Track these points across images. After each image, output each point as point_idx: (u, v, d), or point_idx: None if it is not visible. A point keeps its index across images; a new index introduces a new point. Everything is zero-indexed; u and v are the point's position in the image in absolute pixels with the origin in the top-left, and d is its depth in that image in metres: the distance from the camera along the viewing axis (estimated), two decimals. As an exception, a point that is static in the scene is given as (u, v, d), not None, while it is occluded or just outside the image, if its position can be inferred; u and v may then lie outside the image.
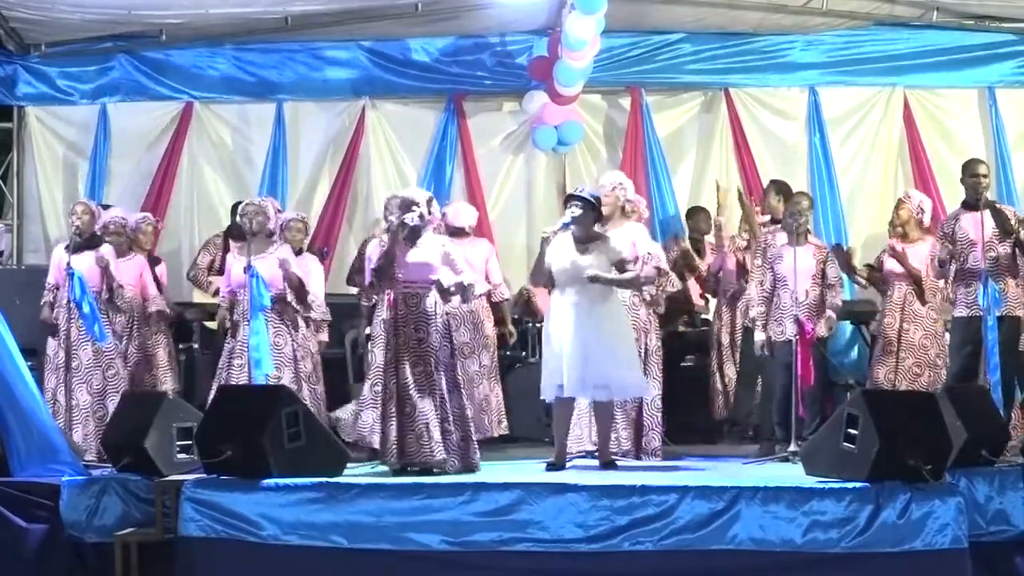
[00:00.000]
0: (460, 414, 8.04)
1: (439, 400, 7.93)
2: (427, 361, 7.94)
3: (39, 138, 11.80)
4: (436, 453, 7.86)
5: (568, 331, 8.24)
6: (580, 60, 10.53)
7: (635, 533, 6.94)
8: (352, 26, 11.40)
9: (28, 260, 11.49)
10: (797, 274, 8.90)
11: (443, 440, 7.89)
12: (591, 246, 8.35)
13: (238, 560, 7.11)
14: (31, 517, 7.50)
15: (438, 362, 7.97)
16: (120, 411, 8.42)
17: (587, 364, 8.20)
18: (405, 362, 7.94)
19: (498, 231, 11.54)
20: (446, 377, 8.01)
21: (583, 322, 8.24)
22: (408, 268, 8.04)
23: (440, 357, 7.99)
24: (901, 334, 9.55)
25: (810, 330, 8.81)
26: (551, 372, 8.32)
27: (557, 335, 8.30)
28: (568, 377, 8.19)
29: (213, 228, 11.20)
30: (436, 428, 7.88)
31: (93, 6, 10.72)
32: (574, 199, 8.42)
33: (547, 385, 8.38)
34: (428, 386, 7.93)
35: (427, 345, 7.95)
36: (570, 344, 8.21)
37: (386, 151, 11.79)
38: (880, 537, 6.84)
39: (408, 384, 7.91)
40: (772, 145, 11.77)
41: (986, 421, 7.72)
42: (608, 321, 8.33)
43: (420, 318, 7.99)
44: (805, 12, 11.22)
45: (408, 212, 8.06)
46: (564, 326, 8.27)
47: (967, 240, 8.96)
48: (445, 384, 7.99)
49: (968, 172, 9.10)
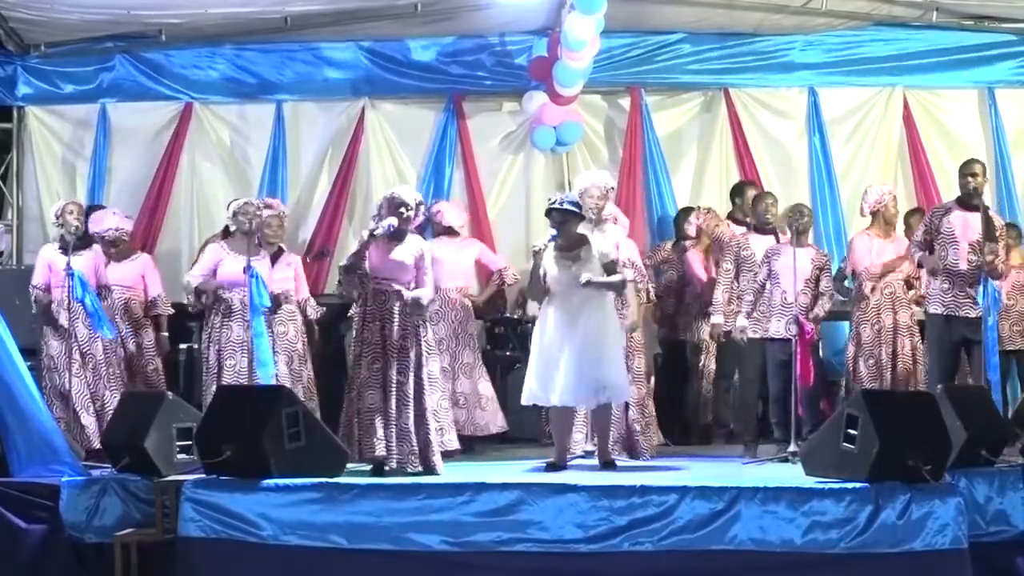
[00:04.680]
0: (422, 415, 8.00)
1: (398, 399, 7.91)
2: (386, 359, 7.94)
3: (39, 138, 11.79)
4: (377, 449, 7.88)
5: (562, 338, 8.27)
6: (580, 60, 10.53)
7: (635, 533, 6.94)
8: (352, 26, 11.39)
9: (28, 260, 11.43)
10: (790, 276, 8.91)
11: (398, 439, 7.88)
12: (578, 251, 8.37)
13: (238, 560, 7.11)
14: (31, 517, 7.50)
15: (403, 361, 7.96)
16: (120, 411, 8.42)
17: (583, 372, 8.22)
18: (365, 358, 7.98)
19: (498, 231, 11.54)
20: (414, 377, 7.98)
21: (576, 328, 8.26)
22: (383, 266, 8.05)
23: (411, 356, 7.98)
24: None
25: (810, 330, 8.82)
26: (539, 378, 8.33)
27: (548, 342, 8.32)
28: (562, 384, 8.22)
29: (213, 228, 11.19)
30: (380, 425, 7.87)
31: (93, 6, 10.72)
32: (553, 212, 8.40)
33: (531, 390, 8.38)
34: (383, 383, 7.92)
35: (389, 343, 7.97)
36: (565, 352, 8.23)
37: (386, 151, 11.78)
38: (880, 537, 6.84)
39: (366, 380, 7.95)
40: (772, 145, 11.77)
41: (986, 421, 7.72)
42: (599, 326, 8.34)
43: (386, 316, 8.00)
44: (805, 12, 11.22)
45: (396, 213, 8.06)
46: (557, 333, 8.30)
47: (951, 236, 8.94)
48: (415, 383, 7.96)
49: (964, 172, 9.09)
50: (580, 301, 8.30)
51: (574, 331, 8.26)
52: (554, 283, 8.37)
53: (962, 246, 8.87)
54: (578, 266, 8.33)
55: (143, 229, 11.31)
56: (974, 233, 8.86)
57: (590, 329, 8.27)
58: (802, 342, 8.76)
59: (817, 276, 9.08)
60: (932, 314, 9.03)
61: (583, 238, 8.44)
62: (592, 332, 8.28)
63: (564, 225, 8.35)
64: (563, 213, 8.35)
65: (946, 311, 8.91)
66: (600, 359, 8.26)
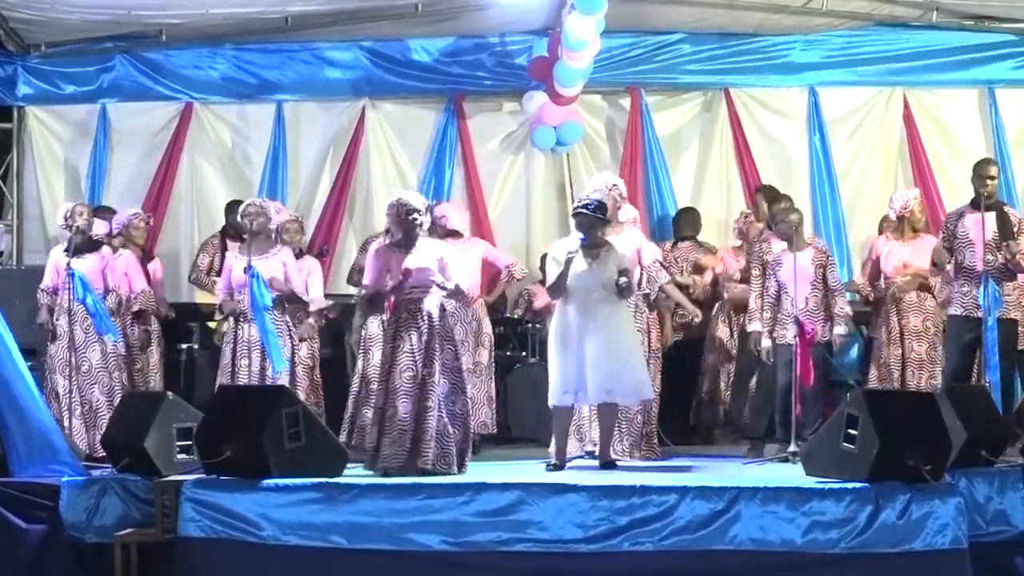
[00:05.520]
0: (462, 416, 8.03)
1: (433, 404, 7.90)
2: (422, 366, 7.92)
3: (39, 138, 11.80)
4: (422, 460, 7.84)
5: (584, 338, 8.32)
6: (580, 60, 10.53)
7: (635, 533, 6.94)
8: (352, 26, 11.39)
9: (28, 260, 11.48)
10: (796, 280, 8.90)
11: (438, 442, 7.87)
12: (600, 253, 8.43)
13: (238, 560, 7.10)
14: (31, 517, 7.50)
15: (443, 366, 7.96)
16: (120, 411, 8.42)
17: (607, 370, 8.29)
18: (397, 367, 7.95)
19: (498, 231, 11.54)
20: (449, 380, 8.00)
21: (597, 328, 8.32)
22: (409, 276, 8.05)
23: (445, 361, 7.99)
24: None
25: (810, 330, 8.81)
26: (566, 379, 8.37)
27: (571, 342, 8.36)
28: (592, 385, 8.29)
29: (213, 228, 11.20)
30: (408, 435, 7.84)
31: (93, 6, 10.72)
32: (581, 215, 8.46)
33: (558, 391, 8.41)
34: (415, 392, 7.90)
35: (429, 350, 7.95)
36: (589, 351, 8.29)
37: (386, 151, 11.79)
38: (880, 537, 6.84)
39: (395, 389, 7.92)
40: (772, 145, 11.77)
41: (986, 421, 7.72)
42: (619, 326, 8.43)
43: (421, 324, 7.98)
44: (805, 12, 11.22)
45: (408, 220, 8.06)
46: (578, 333, 8.35)
47: (967, 239, 8.97)
48: (446, 388, 7.97)
49: (977, 173, 9.08)
50: (598, 301, 8.35)
51: (594, 331, 8.32)
52: (573, 281, 8.40)
53: (978, 248, 8.88)
54: (598, 265, 8.37)
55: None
56: (990, 233, 8.88)
57: (611, 329, 8.35)
58: (802, 342, 8.76)
59: (822, 274, 9.05)
60: (952, 315, 9.08)
61: (604, 240, 8.52)
62: (612, 332, 8.35)
63: (591, 229, 8.42)
64: (591, 219, 8.42)
65: (964, 312, 8.94)
66: (620, 359, 8.33)
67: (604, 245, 8.47)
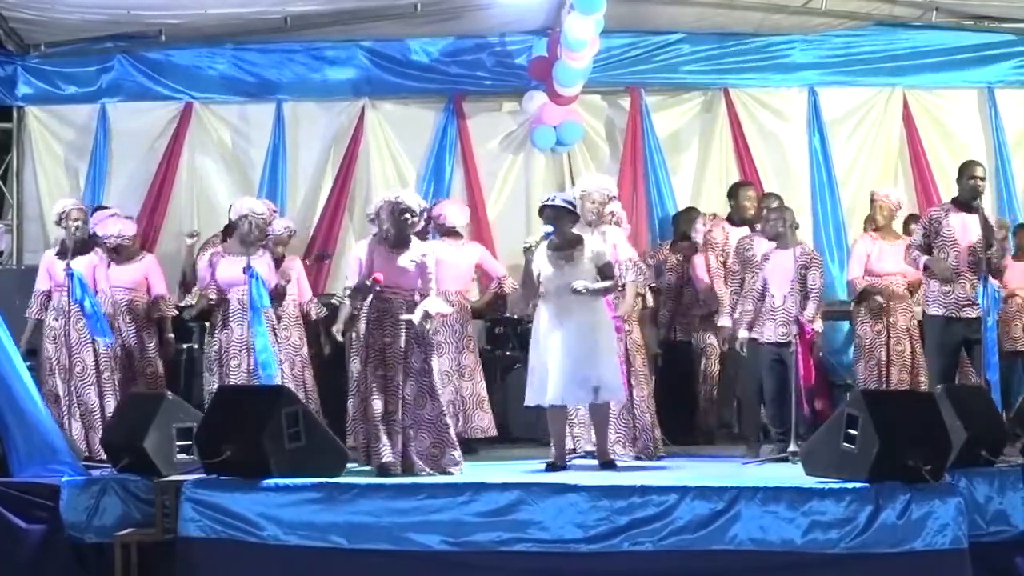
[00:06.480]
0: (433, 420, 8.02)
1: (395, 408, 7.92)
2: (391, 366, 7.95)
3: (39, 138, 11.80)
4: (383, 455, 7.88)
5: (555, 338, 8.26)
6: (579, 60, 10.54)
7: (635, 533, 6.93)
8: (352, 26, 11.40)
9: (28, 260, 11.46)
10: (777, 278, 8.90)
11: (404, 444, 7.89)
12: (572, 252, 8.35)
13: (238, 560, 7.10)
14: (31, 517, 7.49)
15: (407, 368, 7.97)
16: (120, 411, 8.42)
17: (575, 370, 8.21)
18: (370, 365, 7.99)
19: (497, 231, 11.56)
20: (418, 383, 7.99)
21: (569, 328, 8.25)
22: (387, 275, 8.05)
23: (412, 365, 7.99)
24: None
25: (810, 330, 8.81)
26: (539, 379, 8.33)
27: (543, 342, 8.32)
28: (554, 384, 8.22)
29: (213, 228, 11.18)
30: (383, 431, 7.88)
31: (93, 6, 10.72)
32: (546, 209, 8.39)
33: (532, 392, 8.38)
34: (388, 390, 7.93)
35: (393, 350, 7.97)
36: (557, 352, 8.23)
37: (386, 151, 11.79)
38: (880, 537, 6.83)
39: (372, 387, 7.95)
40: (772, 145, 11.78)
41: (986, 421, 7.72)
42: (592, 326, 8.32)
43: (391, 323, 8.00)
44: (805, 12, 11.23)
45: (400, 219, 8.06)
46: (550, 333, 8.29)
47: (951, 238, 8.93)
48: (415, 390, 7.97)
49: (967, 174, 9.06)
50: (572, 301, 8.29)
51: (567, 331, 8.25)
52: (547, 283, 8.36)
53: (962, 248, 8.86)
54: (571, 266, 8.31)
55: (143, 229, 11.27)
56: (973, 235, 8.85)
57: (583, 329, 8.27)
58: (802, 342, 8.75)
59: (804, 275, 8.96)
60: (932, 316, 9.00)
61: (578, 238, 8.41)
62: (585, 332, 8.27)
63: (557, 222, 8.33)
64: (556, 210, 8.33)
65: (946, 313, 8.89)
66: (593, 358, 8.25)
67: (576, 245, 8.37)
